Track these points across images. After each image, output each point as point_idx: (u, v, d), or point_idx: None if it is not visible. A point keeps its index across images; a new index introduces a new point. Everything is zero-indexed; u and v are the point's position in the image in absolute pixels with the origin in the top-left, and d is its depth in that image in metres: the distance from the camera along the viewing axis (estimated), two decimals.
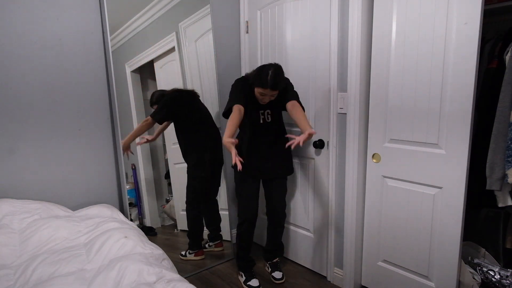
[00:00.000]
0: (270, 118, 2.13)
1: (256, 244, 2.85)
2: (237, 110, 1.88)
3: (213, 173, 2.57)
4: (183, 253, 2.50)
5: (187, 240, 2.50)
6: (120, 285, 1.26)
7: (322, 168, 2.28)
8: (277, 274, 2.32)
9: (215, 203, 2.59)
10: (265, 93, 1.94)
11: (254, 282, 2.24)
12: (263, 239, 2.79)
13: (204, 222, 2.58)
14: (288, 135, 1.92)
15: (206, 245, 2.62)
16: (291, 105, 1.97)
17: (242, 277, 2.29)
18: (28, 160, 1.89)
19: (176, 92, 2.40)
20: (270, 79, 1.88)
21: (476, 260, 1.97)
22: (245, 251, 2.29)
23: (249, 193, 2.20)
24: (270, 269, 2.38)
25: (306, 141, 1.76)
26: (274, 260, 2.39)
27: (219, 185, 2.61)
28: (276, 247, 2.38)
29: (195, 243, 2.52)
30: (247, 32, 2.65)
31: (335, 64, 2.09)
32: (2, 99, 1.80)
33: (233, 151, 1.71)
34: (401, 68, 1.84)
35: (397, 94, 1.88)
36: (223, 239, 2.66)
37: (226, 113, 2.00)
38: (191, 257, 2.50)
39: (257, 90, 1.96)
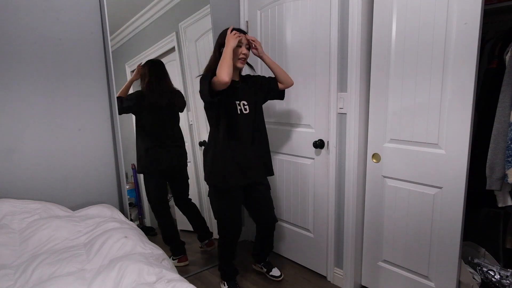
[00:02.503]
0: (247, 109, 1.99)
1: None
2: None
3: (178, 174, 2.46)
4: None
5: (186, 240, 2.49)
6: (120, 285, 1.26)
7: (322, 168, 2.28)
8: (276, 272, 2.30)
9: (193, 204, 2.52)
10: (242, 40, 1.92)
11: None
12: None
13: (191, 225, 2.53)
14: None
15: (199, 246, 2.61)
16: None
17: (224, 285, 2.21)
18: (28, 160, 1.89)
19: (141, 91, 2.25)
20: (237, 27, 2.00)
21: (476, 260, 1.98)
22: (228, 262, 2.19)
23: (232, 208, 2.02)
24: (266, 269, 2.35)
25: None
26: (267, 260, 2.36)
27: (188, 185, 2.50)
28: (266, 248, 2.31)
29: (176, 249, 2.44)
30: (247, 32, 2.65)
31: (335, 64, 2.09)
32: (3, 99, 1.80)
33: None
34: (401, 68, 1.84)
35: (397, 93, 1.88)
36: (217, 238, 2.65)
37: (206, 91, 1.82)
38: (174, 263, 2.37)
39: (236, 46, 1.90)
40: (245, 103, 2.00)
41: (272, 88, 2.12)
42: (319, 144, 2.25)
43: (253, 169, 2.03)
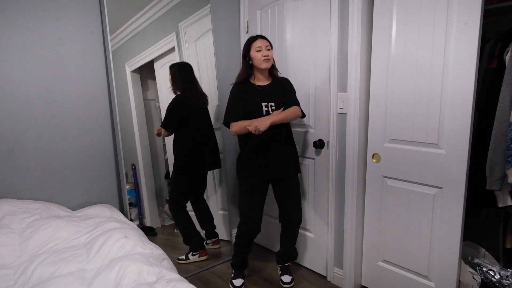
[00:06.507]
0: (275, 110, 2.06)
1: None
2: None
3: (203, 173, 2.56)
4: (182, 257, 2.46)
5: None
6: (120, 285, 1.26)
7: (322, 168, 2.28)
8: (286, 278, 2.28)
9: (205, 202, 2.58)
10: (259, 45, 2.02)
11: (238, 281, 2.24)
12: (271, 242, 2.79)
13: (198, 223, 2.57)
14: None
15: (204, 244, 2.62)
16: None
17: (232, 274, 2.32)
18: (28, 160, 1.89)
19: (179, 97, 2.38)
20: (256, 35, 2.09)
21: (476, 260, 1.97)
22: (241, 257, 2.27)
23: (253, 199, 2.11)
24: (280, 272, 2.34)
25: (256, 130, 1.88)
26: (286, 264, 2.34)
27: (206, 184, 2.60)
28: (289, 253, 2.32)
29: (197, 245, 2.50)
30: (247, 32, 2.65)
31: (335, 64, 2.09)
32: (2, 102, 1.80)
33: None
34: (401, 68, 1.84)
35: (397, 94, 1.88)
36: (221, 238, 2.66)
37: (226, 125, 2.11)
38: (195, 258, 2.48)
39: (253, 51, 2.03)
40: (273, 104, 2.07)
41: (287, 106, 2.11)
42: (319, 144, 2.25)
43: (276, 166, 2.10)
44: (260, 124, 1.89)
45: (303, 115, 2.14)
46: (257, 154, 2.09)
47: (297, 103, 2.10)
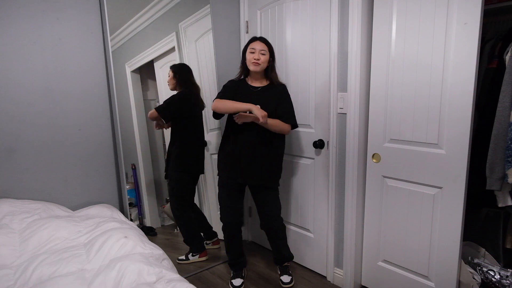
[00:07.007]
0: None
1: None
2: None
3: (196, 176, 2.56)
4: (182, 257, 2.47)
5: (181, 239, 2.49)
6: (120, 285, 1.26)
7: (322, 168, 2.28)
8: (285, 278, 2.27)
9: (196, 205, 2.59)
10: (254, 47, 2.02)
11: (237, 281, 2.24)
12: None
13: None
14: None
15: (204, 244, 2.63)
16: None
17: (231, 274, 2.32)
18: (28, 160, 1.89)
19: (187, 91, 2.39)
20: (258, 36, 2.10)
21: (476, 260, 1.98)
22: (232, 253, 2.28)
23: (228, 195, 2.14)
24: (279, 272, 2.34)
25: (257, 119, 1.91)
26: (284, 264, 2.33)
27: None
28: (281, 254, 2.31)
29: (198, 246, 2.50)
30: (247, 32, 2.66)
31: (335, 64, 2.09)
32: (2, 102, 1.80)
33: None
34: (401, 68, 1.84)
35: (397, 94, 1.88)
36: (221, 238, 2.66)
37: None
38: (195, 259, 2.49)
39: (248, 51, 2.04)
40: (259, 107, 1.99)
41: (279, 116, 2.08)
42: (319, 144, 2.25)
43: (251, 173, 2.09)
44: (259, 111, 1.90)
45: (293, 128, 2.12)
46: (232, 151, 2.09)
47: (289, 114, 2.08)
